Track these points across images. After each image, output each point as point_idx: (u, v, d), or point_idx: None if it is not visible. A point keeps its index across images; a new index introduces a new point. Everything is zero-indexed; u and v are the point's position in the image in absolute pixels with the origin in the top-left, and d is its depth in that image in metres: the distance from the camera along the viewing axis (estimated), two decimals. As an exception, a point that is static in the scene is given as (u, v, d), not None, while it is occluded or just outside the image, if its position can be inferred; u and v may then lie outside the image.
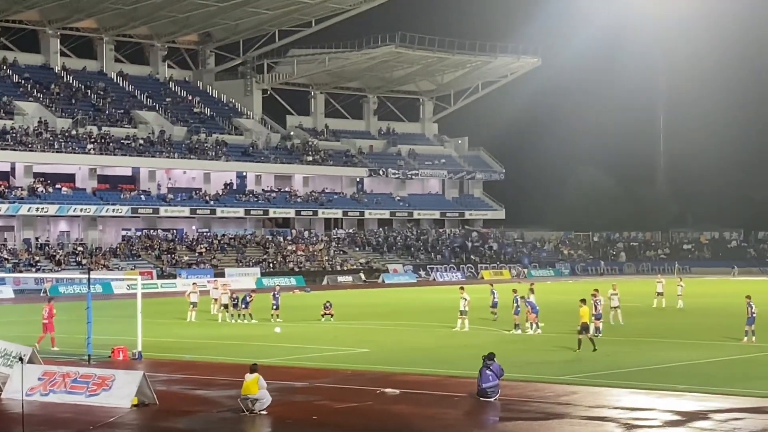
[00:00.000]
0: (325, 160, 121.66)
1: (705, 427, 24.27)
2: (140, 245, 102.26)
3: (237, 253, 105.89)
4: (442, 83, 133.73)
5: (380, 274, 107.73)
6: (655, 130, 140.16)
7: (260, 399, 26.18)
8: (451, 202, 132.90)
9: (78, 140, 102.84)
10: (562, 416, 25.62)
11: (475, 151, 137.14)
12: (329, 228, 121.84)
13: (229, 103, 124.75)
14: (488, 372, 28.02)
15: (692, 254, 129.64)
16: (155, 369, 34.33)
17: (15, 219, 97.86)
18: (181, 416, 26.32)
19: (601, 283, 70.50)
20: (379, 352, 39.79)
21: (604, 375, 32.60)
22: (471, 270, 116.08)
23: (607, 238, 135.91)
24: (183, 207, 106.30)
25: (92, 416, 26.16)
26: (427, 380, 32.26)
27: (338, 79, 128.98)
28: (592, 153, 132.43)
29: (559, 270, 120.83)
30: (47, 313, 41.60)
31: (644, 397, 28.47)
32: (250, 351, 39.61)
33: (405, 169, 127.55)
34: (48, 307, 41.98)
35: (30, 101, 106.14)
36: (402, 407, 27.31)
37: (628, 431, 23.87)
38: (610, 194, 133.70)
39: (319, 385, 31.26)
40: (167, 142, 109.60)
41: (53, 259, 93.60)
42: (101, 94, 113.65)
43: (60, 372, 29.28)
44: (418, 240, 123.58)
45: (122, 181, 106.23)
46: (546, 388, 30.18)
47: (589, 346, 38.44)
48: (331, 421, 25.66)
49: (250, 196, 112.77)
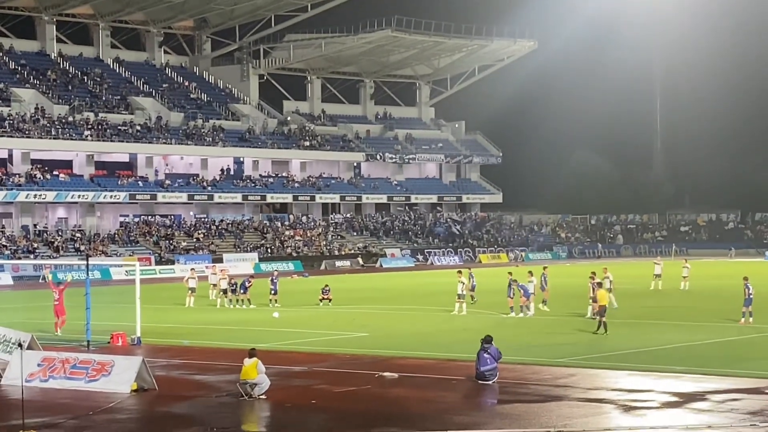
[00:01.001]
0: (322, 145, 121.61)
1: (703, 408, 24.35)
2: (138, 231, 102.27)
3: (235, 238, 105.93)
4: (439, 67, 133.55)
5: (378, 259, 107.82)
6: (651, 112, 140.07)
7: (259, 383, 26.24)
8: (449, 186, 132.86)
9: (75, 127, 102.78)
10: (561, 398, 25.70)
11: (472, 135, 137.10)
12: (327, 213, 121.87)
13: (225, 89, 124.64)
14: (486, 355, 28.09)
15: (689, 236, 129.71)
16: (154, 354, 34.37)
17: (13, 206, 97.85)
18: (180, 401, 26.39)
19: (597, 265, 70.56)
20: (378, 337, 39.86)
21: (602, 357, 32.68)
22: (469, 254, 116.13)
23: (605, 221, 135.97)
24: (181, 193, 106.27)
25: (92, 402, 26.22)
26: (426, 364, 32.33)
27: (335, 63, 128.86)
28: (589, 136, 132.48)
29: (557, 253, 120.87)
30: (57, 294, 41.64)
31: (642, 378, 28.56)
32: (248, 336, 39.66)
33: (402, 153, 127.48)
34: (58, 290, 42.00)
35: (27, 88, 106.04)
36: (400, 391, 27.38)
37: (626, 413, 23.95)
38: (607, 177, 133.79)
39: (317, 370, 31.33)
40: (164, 128, 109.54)
41: (51, 245, 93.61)
42: (98, 81, 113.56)
43: (59, 358, 29.33)
44: (415, 224, 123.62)
45: (120, 167, 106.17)
46: (544, 370, 30.26)
47: (607, 327, 38.38)
48: (330, 405, 25.74)
49: (247, 182, 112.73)
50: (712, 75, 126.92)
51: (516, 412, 24.11)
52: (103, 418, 24.42)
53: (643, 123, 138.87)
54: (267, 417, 24.96)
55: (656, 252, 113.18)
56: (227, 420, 23.98)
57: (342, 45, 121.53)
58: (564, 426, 22.20)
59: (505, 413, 24.26)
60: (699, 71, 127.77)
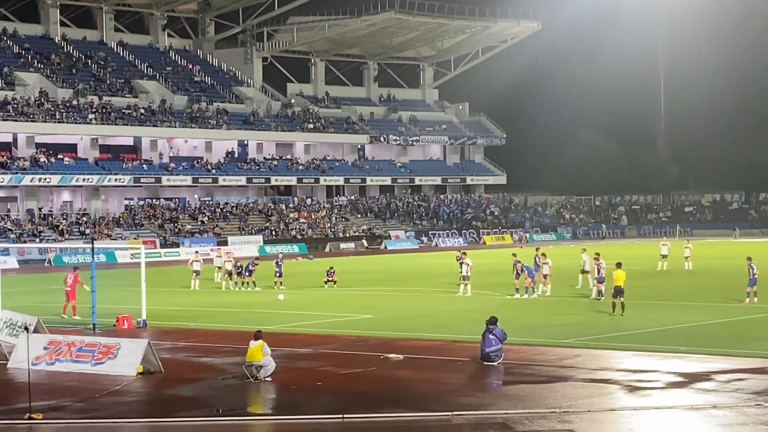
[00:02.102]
0: (326, 128, 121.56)
1: (708, 388, 24.38)
2: (143, 214, 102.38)
3: (239, 221, 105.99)
4: (442, 49, 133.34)
5: (382, 241, 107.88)
6: (655, 93, 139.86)
7: (265, 366, 26.30)
8: (453, 168, 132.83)
9: (79, 110, 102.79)
10: (566, 379, 25.74)
11: (476, 116, 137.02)
12: (331, 195, 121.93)
13: (229, 72, 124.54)
14: (491, 336, 28.13)
15: (694, 217, 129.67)
16: (160, 337, 34.44)
17: (18, 189, 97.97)
18: (186, 383, 26.45)
19: (602, 246, 70.59)
20: (383, 318, 39.90)
21: (608, 338, 32.72)
22: (473, 235, 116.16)
23: (609, 202, 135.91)
24: (185, 176, 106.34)
25: (98, 384, 26.28)
26: (431, 345, 32.37)
27: (338, 46, 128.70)
28: (593, 117, 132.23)
29: (561, 234, 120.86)
30: (71, 280, 41.70)
31: (647, 359, 28.58)
32: (254, 318, 39.74)
33: (406, 135, 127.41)
34: (73, 275, 42.06)
35: (31, 72, 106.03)
36: (405, 372, 27.42)
37: (631, 393, 23.99)
38: (611, 158, 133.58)
39: (322, 352, 31.39)
40: (168, 111, 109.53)
41: (57, 229, 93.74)
42: (102, 64, 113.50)
43: (65, 341, 29.40)
44: (419, 206, 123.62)
45: (124, 150, 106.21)
46: (549, 351, 30.29)
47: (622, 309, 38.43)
48: (336, 386, 25.79)
49: (251, 165, 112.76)
50: (716, 55, 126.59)
51: (521, 392, 24.16)
52: (110, 401, 24.49)
53: (647, 103, 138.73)
54: (273, 399, 25.02)
55: (661, 233, 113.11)
56: (233, 402, 24.02)
57: (345, 27, 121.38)
58: (569, 406, 22.25)
59: (510, 394, 24.30)
60: (703, 51, 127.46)
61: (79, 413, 23.21)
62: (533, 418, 21.34)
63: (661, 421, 21.24)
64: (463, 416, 21.70)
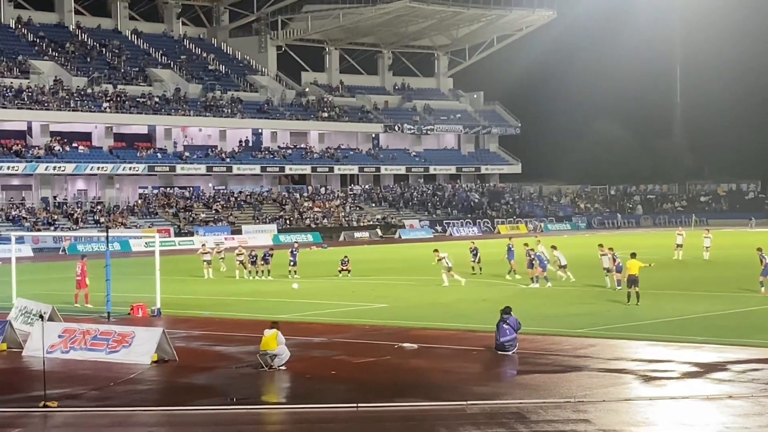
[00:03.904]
0: (341, 117, 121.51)
1: (723, 378, 24.29)
2: (157, 203, 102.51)
3: (254, 210, 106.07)
4: (457, 37, 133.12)
5: (397, 230, 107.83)
6: (671, 81, 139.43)
7: (279, 354, 26.30)
8: (467, 157, 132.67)
9: (94, 99, 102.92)
10: (581, 369, 25.68)
11: (491, 105, 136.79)
12: (345, 184, 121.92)
13: (243, 60, 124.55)
14: (505, 326, 28.08)
15: (709, 206, 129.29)
16: (174, 326, 34.48)
17: (32, 178, 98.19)
18: (200, 372, 26.46)
19: (617, 237, 70.56)
20: (397, 308, 39.88)
21: (622, 328, 32.61)
22: (487, 225, 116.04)
23: (624, 191, 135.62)
24: (199, 165, 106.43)
25: (112, 373, 26.31)
26: (445, 335, 32.34)
27: (353, 34, 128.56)
28: (609, 106, 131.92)
29: (576, 224, 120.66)
30: (80, 270, 41.80)
31: (662, 349, 28.49)
32: (268, 307, 39.78)
33: (420, 124, 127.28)
34: (81, 264, 42.17)
35: (45, 60, 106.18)
36: (420, 361, 27.40)
37: (646, 383, 23.91)
38: (626, 147, 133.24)
39: (337, 341, 31.38)
40: (183, 99, 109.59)
41: (71, 217, 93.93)
42: (116, 53, 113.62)
43: (80, 329, 29.45)
44: (434, 195, 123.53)
45: (138, 139, 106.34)
46: (564, 341, 30.23)
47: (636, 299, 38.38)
48: (350, 375, 25.78)
49: (266, 153, 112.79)
50: (733, 43, 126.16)
51: (536, 382, 24.11)
52: (124, 389, 24.52)
53: (662, 92, 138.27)
54: (287, 388, 25.01)
55: (676, 222, 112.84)
56: (247, 391, 24.04)
57: (360, 15, 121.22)
58: (584, 396, 22.19)
59: (524, 383, 24.26)
60: (719, 40, 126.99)
61: (93, 401, 23.24)
62: (548, 407, 21.30)
63: (677, 411, 21.16)
64: (477, 406, 21.67)
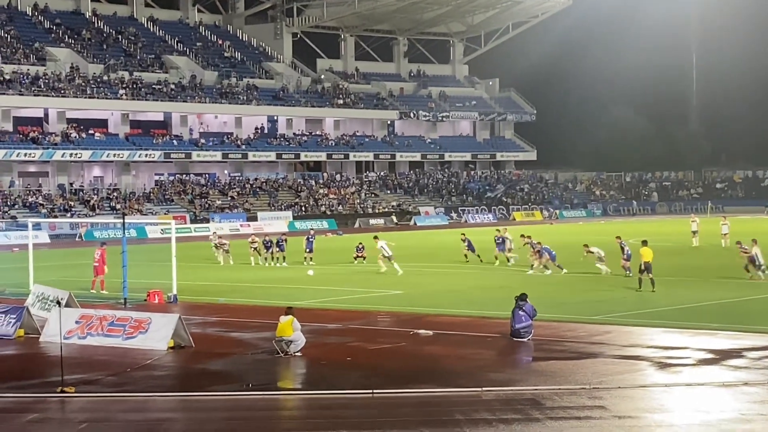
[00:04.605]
0: (356, 103, 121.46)
1: (739, 365, 24.26)
2: (173, 190, 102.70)
3: (269, 197, 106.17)
4: (473, 24, 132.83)
5: (412, 217, 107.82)
6: (687, 68, 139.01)
7: (295, 341, 26.35)
8: (482, 144, 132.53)
9: (110, 86, 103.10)
10: (596, 356, 25.67)
11: (506, 92, 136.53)
12: (360, 171, 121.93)
13: (259, 47, 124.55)
14: (521, 312, 28.09)
15: (725, 193, 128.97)
16: (190, 312, 34.58)
17: (49, 165, 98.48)
18: (216, 358, 26.53)
19: (629, 224, 70.44)
20: (412, 294, 39.87)
21: (638, 314, 32.57)
22: (503, 212, 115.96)
23: (640, 178, 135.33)
24: (215, 151, 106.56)
25: (129, 358, 26.42)
26: (460, 321, 32.34)
27: (368, 21, 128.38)
28: (624, 92, 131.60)
29: (591, 211, 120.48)
30: (99, 256, 41.94)
31: (678, 336, 28.46)
32: (283, 293, 39.83)
33: (436, 111, 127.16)
34: (100, 251, 42.31)
35: (62, 47, 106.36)
36: (435, 348, 27.41)
37: (661, 370, 23.89)
38: (642, 134, 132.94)
39: (352, 327, 31.42)
40: (198, 86, 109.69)
41: (87, 204, 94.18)
42: (132, 40, 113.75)
43: (97, 315, 29.56)
44: (449, 182, 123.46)
45: (154, 126, 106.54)
46: (579, 327, 30.21)
47: (648, 285, 38.35)
48: (365, 362, 25.81)
49: (281, 140, 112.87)
50: (750, 30, 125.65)
51: (551, 369, 24.11)
52: (141, 375, 24.61)
53: (679, 79, 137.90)
54: (302, 374, 25.06)
55: (692, 209, 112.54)
56: (263, 377, 24.11)
57: (375, 2, 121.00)
58: (599, 383, 22.20)
59: (540, 370, 24.27)
60: (736, 26, 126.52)
61: (110, 387, 23.34)
62: (563, 394, 21.31)
63: (692, 397, 21.16)
64: (492, 392, 21.70)
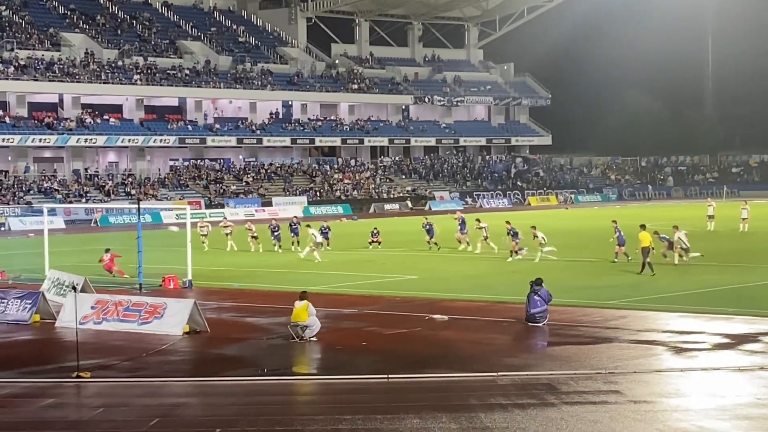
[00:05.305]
0: (371, 88, 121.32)
1: (755, 349, 24.20)
2: (188, 175, 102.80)
3: (284, 182, 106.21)
4: (488, 8, 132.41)
5: (427, 202, 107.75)
6: (703, 52, 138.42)
7: (310, 326, 26.37)
8: (497, 129, 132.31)
9: (124, 71, 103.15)
10: (611, 340, 25.63)
11: (521, 76, 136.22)
12: (375, 156, 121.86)
13: (273, 32, 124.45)
14: (536, 297, 28.07)
15: (741, 177, 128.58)
16: (205, 297, 34.62)
17: (64, 150, 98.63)
18: (232, 343, 26.57)
19: (644, 208, 70.25)
20: (427, 279, 39.88)
21: (653, 299, 32.52)
22: (518, 196, 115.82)
23: (655, 163, 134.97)
24: (230, 137, 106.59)
25: (145, 344, 26.49)
26: (476, 306, 32.33)
27: (382, 5, 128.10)
28: (639, 76, 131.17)
29: (606, 195, 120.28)
30: (107, 258, 41.99)
31: (693, 320, 28.41)
32: (298, 279, 39.83)
33: (450, 96, 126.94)
34: (109, 256, 42.26)
35: (76, 32, 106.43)
36: (450, 333, 27.42)
37: (677, 354, 23.86)
38: (657, 118, 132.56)
39: (367, 312, 31.43)
40: (213, 72, 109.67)
41: (102, 189, 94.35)
42: (146, 25, 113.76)
43: (112, 301, 29.62)
44: (464, 167, 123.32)
45: (169, 111, 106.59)
46: (595, 312, 30.18)
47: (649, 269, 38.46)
48: (380, 346, 25.82)
49: (296, 125, 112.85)
50: (765, 12, 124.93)
51: (567, 353, 24.09)
52: (156, 360, 24.68)
53: (694, 63, 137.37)
54: (317, 359, 25.10)
55: (707, 194, 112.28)
56: (278, 362, 24.12)
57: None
58: (615, 367, 22.16)
59: (555, 355, 24.24)
60: (751, 9, 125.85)
61: (126, 372, 23.40)
62: (579, 379, 21.29)
63: (708, 382, 21.12)
64: (508, 377, 21.69)
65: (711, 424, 17.62)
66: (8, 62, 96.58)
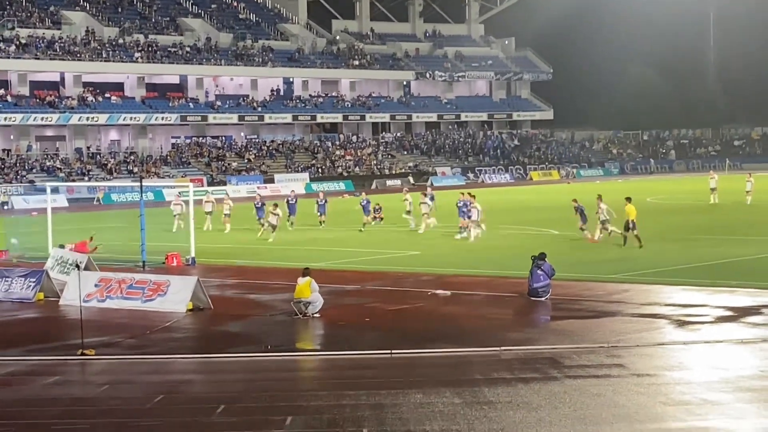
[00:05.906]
0: (372, 64, 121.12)
1: (757, 322, 24.23)
2: (190, 153, 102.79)
3: (286, 159, 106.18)
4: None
5: (429, 177, 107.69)
6: (705, 25, 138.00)
7: (313, 302, 26.42)
8: (499, 104, 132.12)
9: (125, 49, 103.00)
10: (614, 314, 25.67)
11: (522, 51, 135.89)
12: (377, 132, 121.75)
13: (274, 9, 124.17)
14: (539, 272, 28.08)
15: (743, 150, 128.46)
16: (208, 274, 34.69)
17: (66, 128, 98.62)
18: (235, 320, 26.63)
19: (647, 181, 70.14)
20: (430, 255, 39.89)
21: (656, 272, 32.53)
22: (520, 171, 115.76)
23: (657, 136, 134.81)
24: (231, 114, 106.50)
25: (148, 321, 26.55)
26: (478, 281, 32.37)
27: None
28: (641, 50, 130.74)
29: (609, 169, 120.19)
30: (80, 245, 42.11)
31: (696, 293, 28.44)
32: (301, 255, 39.89)
33: (452, 71, 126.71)
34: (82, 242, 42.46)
35: (77, 10, 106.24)
36: (453, 308, 27.45)
37: (680, 327, 23.89)
38: (659, 92, 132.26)
39: (370, 288, 31.47)
40: (214, 49, 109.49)
41: (105, 167, 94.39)
42: (147, 2, 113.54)
43: (116, 278, 29.69)
44: (465, 142, 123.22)
45: (170, 89, 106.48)
46: (597, 286, 30.20)
47: (634, 242, 38.61)
48: (384, 322, 25.87)
49: (297, 102, 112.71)
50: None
51: (570, 328, 24.12)
52: (160, 337, 24.74)
53: (696, 36, 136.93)
54: (321, 335, 25.14)
55: (710, 167, 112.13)
56: (282, 338, 24.20)
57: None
58: (618, 341, 22.21)
59: (558, 329, 24.28)
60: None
61: (130, 349, 23.46)
62: (581, 353, 21.32)
63: (711, 355, 21.16)
64: (511, 351, 21.73)
65: (714, 397, 17.66)
66: (9, 41, 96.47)
